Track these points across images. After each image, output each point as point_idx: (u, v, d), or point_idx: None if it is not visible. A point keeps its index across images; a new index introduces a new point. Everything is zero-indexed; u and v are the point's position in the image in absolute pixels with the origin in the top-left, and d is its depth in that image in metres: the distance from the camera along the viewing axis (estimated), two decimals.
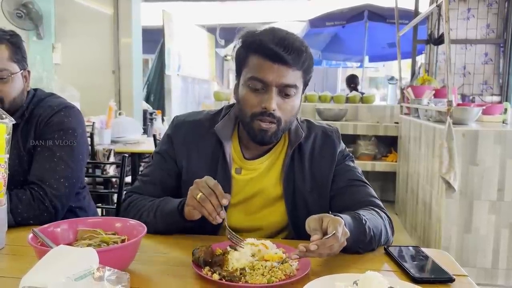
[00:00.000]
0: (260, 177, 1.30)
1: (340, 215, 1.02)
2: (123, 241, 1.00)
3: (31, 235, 0.93)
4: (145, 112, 5.93)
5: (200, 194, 1.05)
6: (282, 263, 0.96)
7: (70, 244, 1.00)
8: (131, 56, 5.61)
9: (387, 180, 5.00)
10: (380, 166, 4.75)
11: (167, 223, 1.18)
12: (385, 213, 1.22)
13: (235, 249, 1.02)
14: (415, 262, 1.06)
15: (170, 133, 1.35)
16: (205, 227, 1.25)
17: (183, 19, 8.24)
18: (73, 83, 5.39)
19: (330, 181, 1.30)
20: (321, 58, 8.93)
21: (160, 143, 1.39)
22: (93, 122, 3.71)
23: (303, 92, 1.27)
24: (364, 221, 1.08)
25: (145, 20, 6.18)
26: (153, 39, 7.64)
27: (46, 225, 0.98)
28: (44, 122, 1.47)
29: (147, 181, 1.34)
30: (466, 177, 2.91)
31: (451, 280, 0.96)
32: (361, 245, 1.09)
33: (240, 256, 0.97)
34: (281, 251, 1.01)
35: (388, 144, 4.89)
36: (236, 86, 1.26)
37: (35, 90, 1.58)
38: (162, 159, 1.34)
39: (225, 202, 1.05)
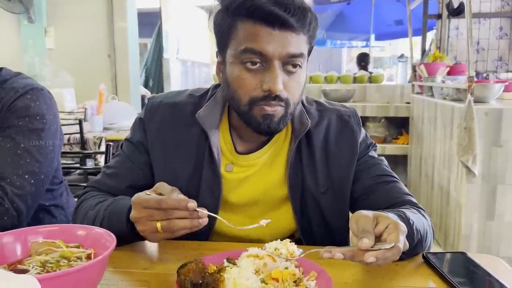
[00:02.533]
0: (258, 175, 1.03)
1: (387, 213, 0.78)
2: (88, 256, 0.77)
3: None
4: (143, 97, 5.71)
5: (159, 223, 0.79)
6: (296, 284, 0.73)
7: (20, 261, 0.77)
8: (126, 40, 5.40)
9: (398, 164, 4.75)
10: (391, 149, 4.51)
11: (120, 240, 0.78)
12: (424, 212, 0.98)
13: (234, 264, 0.79)
14: (466, 275, 0.83)
15: (143, 117, 1.08)
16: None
17: (181, 0, 7.93)
18: (67, 68, 5.20)
19: (351, 179, 1.04)
20: (326, 38, 8.63)
21: (132, 129, 1.11)
22: (85, 108, 3.48)
23: (307, 61, 0.99)
24: (411, 222, 0.84)
25: (142, 2, 5.92)
26: (151, 22, 7.39)
27: None
28: (6, 107, 1.22)
29: (111, 174, 1.07)
30: (489, 159, 2.66)
31: None
32: (406, 251, 0.85)
33: (240, 275, 0.74)
34: (294, 266, 0.78)
35: (399, 125, 4.64)
36: (220, 65, 0.98)
37: (0, 69, 1.34)
38: (133, 149, 1.07)
39: (192, 205, 0.77)
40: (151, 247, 0.97)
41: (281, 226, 1.06)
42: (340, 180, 1.04)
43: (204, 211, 0.79)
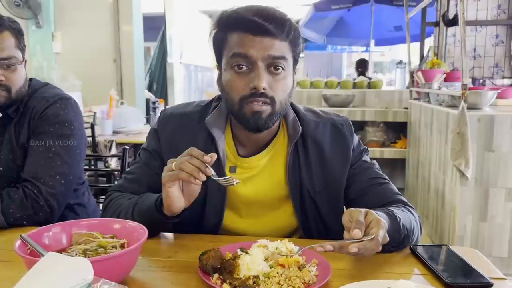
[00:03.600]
0: (258, 176, 1.16)
1: (376, 212, 0.92)
2: (122, 245, 0.91)
3: (19, 241, 0.83)
4: (147, 101, 5.83)
5: (174, 163, 0.94)
6: (300, 269, 0.87)
7: (64, 249, 0.90)
8: (132, 44, 5.51)
9: (396, 167, 4.89)
10: (389, 153, 4.63)
11: (147, 223, 0.94)
12: (412, 209, 1.12)
13: (246, 253, 0.92)
14: (446, 264, 0.96)
15: (157, 127, 1.22)
16: (204, 225, 1.16)
17: (185, 5, 8.08)
18: (74, 72, 5.31)
19: (344, 182, 1.17)
20: (326, 43, 8.76)
21: (147, 139, 1.25)
22: (94, 112, 3.62)
23: (294, 71, 1.11)
24: (398, 219, 0.98)
25: (146, 6, 6.05)
26: (155, 26, 7.53)
27: (36, 230, 0.89)
28: (38, 115, 1.37)
29: (132, 179, 1.21)
30: (482, 164, 2.79)
31: (489, 285, 0.86)
32: (394, 244, 0.99)
33: (252, 261, 0.87)
34: (298, 254, 0.91)
35: (397, 130, 4.77)
36: (219, 76, 1.12)
37: (30, 80, 1.49)
38: (149, 156, 1.21)
39: (207, 158, 0.93)
40: (173, 240, 1.11)
41: (283, 223, 1.18)
42: (334, 182, 1.16)
43: (210, 170, 0.95)
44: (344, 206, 1.19)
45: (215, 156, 0.95)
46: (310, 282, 0.83)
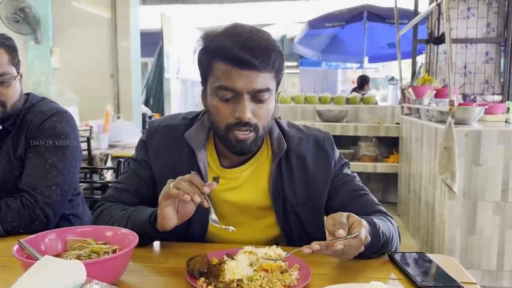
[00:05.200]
0: (242, 187, 1.20)
1: (353, 214, 0.98)
2: (114, 251, 0.96)
3: (16, 246, 0.88)
4: (144, 115, 5.89)
5: (172, 183, 0.99)
6: (282, 274, 0.92)
7: (59, 254, 0.95)
8: (129, 60, 5.58)
9: (388, 182, 4.95)
10: (382, 167, 4.70)
11: (140, 236, 0.97)
12: (392, 219, 1.18)
13: (232, 258, 0.97)
14: (421, 269, 1.01)
15: (145, 138, 1.26)
16: (190, 233, 1.19)
17: (182, 22, 8.21)
18: (71, 87, 5.37)
19: (326, 194, 1.22)
20: (321, 60, 8.90)
21: (136, 149, 1.29)
22: (91, 127, 3.67)
23: (276, 91, 1.15)
24: (377, 226, 1.04)
25: (143, 23, 6.15)
26: (152, 42, 7.63)
27: (33, 236, 0.94)
28: (35, 128, 1.43)
29: (121, 188, 1.25)
30: (470, 178, 2.86)
31: None
32: (374, 251, 1.04)
33: (237, 266, 0.92)
34: (284, 260, 0.97)
35: (389, 145, 4.84)
36: (204, 93, 1.16)
37: (27, 94, 1.55)
38: (138, 166, 1.25)
39: (207, 190, 0.98)
40: (164, 248, 1.16)
41: (266, 232, 1.23)
42: (317, 195, 1.21)
43: (208, 203, 1.00)
44: (325, 217, 1.24)
45: (215, 185, 1.01)
46: (290, 285, 0.89)
